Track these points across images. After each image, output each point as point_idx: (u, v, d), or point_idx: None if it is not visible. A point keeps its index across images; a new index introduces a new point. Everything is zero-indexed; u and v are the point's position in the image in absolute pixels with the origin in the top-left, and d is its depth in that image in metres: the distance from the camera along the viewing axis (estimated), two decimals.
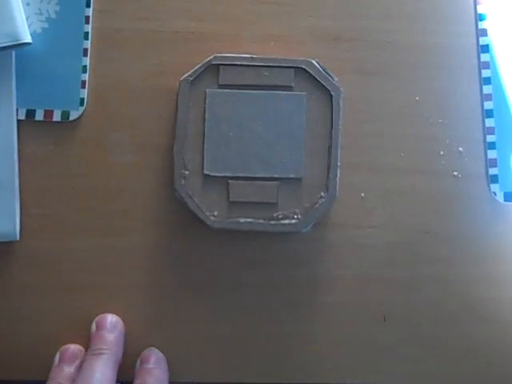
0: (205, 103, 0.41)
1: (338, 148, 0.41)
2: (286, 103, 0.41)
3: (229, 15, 0.46)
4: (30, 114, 0.44)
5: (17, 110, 0.44)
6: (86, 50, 0.45)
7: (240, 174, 0.41)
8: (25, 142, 0.44)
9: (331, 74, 0.43)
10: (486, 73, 0.46)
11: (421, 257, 0.45)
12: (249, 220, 0.41)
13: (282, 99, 0.41)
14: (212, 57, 0.42)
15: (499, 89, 0.46)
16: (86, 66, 0.45)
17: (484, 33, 0.46)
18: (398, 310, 0.44)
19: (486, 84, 0.46)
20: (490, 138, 0.45)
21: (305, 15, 0.47)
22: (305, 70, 0.42)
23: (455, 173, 0.45)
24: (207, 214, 0.41)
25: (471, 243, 0.45)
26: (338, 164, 0.41)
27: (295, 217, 0.41)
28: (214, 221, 0.41)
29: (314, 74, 0.42)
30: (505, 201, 0.45)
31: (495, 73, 0.46)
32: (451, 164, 0.45)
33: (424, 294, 0.44)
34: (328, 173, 0.41)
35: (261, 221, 0.41)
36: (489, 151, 0.45)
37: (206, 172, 0.41)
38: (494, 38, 0.46)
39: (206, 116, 0.41)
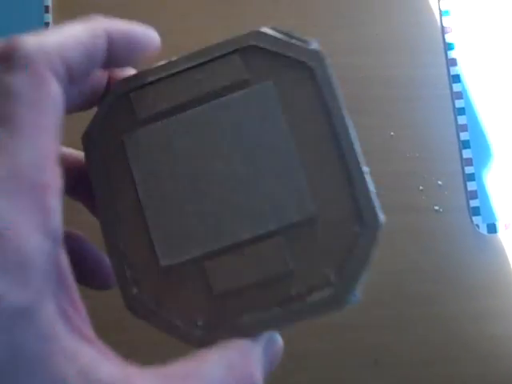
0: (127, 158, 0.26)
1: (352, 143, 0.24)
2: (247, 109, 0.25)
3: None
4: None
5: None
6: None
7: (216, 247, 0.25)
8: None
9: (302, 37, 0.26)
10: (459, 103, 0.45)
11: (408, 296, 0.44)
12: (256, 315, 0.24)
13: (239, 105, 0.25)
14: (113, 86, 0.26)
15: (474, 118, 0.45)
16: None
17: (454, 62, 0.46)
18: (389, 352, 0.43)
19: (460, 114, 0.45)
20: (468, 170, 0.45)
21: None
22: (256, 47, 0.26)
23: (436, 207, 0.44)
24: (187, 327, 0.24)
25: (458, 278, 0.44)
26: (365, 169, 0.24)
27: (328, 281, 0.24)
28: (202, 334, 0.24)
29: (273, 48, 0.25)
30: (488, 232, 0.44)
31: (469, 102, 0.45)
32: (432, 199, 0.45)
33: (413, 333, 0.44)
34: (353, 190, 0.24)
35: (275, 310, 0.24)
36: (468, 183, 0.45)
37: (163, 263, 0.25)
38: (464, 67, 0.46)
39: (136, 177, 0.26)
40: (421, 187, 0.45)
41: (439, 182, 0.45)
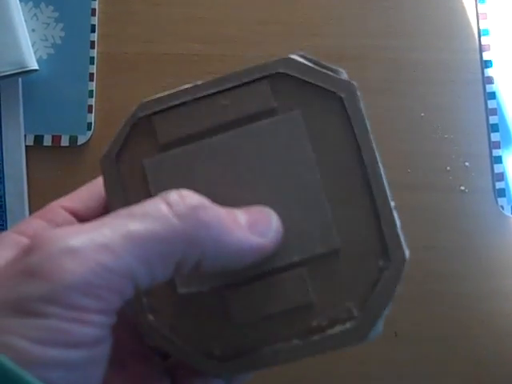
0: (147, 182, 0.25)
1: (381, 176, 0.24)
2: (274, 138, 0.24)
3: (233, 36, 0.47)
4: (38, 139, 0.44)
5: (25, 136, 0.44)
6: (91, 75, 0.45)
7: (237, 276, 0.24)
8: (33, 168, 0.44)
9: (331, 66, 0.25)
10: (490, 88, 0.46)
11: (430, 272, 0.45)
12: (276, 347, 0.23)
13: (265, 134, 0.24)
14: (136, 107, 0.26)
15: (504, 103, 0.46)
16: (92, 91, 0.45)
17: (487, 48, 0.47)
18: (409, 326, 0.45)
19: (490, 99, 0.46)
20: (495, 153, 0.46)
21: (308, 34, 0.47)
22: (286, 74, 0.24)
23: (462, 188, 0.45)
24: (203, 357, 0.24)
25: (480, 257, 0.45)
26: (392, 204, 0.24)
27: (351, 315, 0.23)
28: (218, 366, 0.24)
29: (303, 76, 0.24)
30: None
31: (499, 87, 0.46)
32: (458, 179, 0.46)
33: (434, 309, 0.45)
34: (379, 224, 0.23)
35: (295, 342, 0.23)
36: (495, 165, 0.45)
37: (180, 291, 0.24)
38: (497, 53, 0.47)
39: None
40: (448, 167, 0.46)
41: (466, 164, 0.46)
